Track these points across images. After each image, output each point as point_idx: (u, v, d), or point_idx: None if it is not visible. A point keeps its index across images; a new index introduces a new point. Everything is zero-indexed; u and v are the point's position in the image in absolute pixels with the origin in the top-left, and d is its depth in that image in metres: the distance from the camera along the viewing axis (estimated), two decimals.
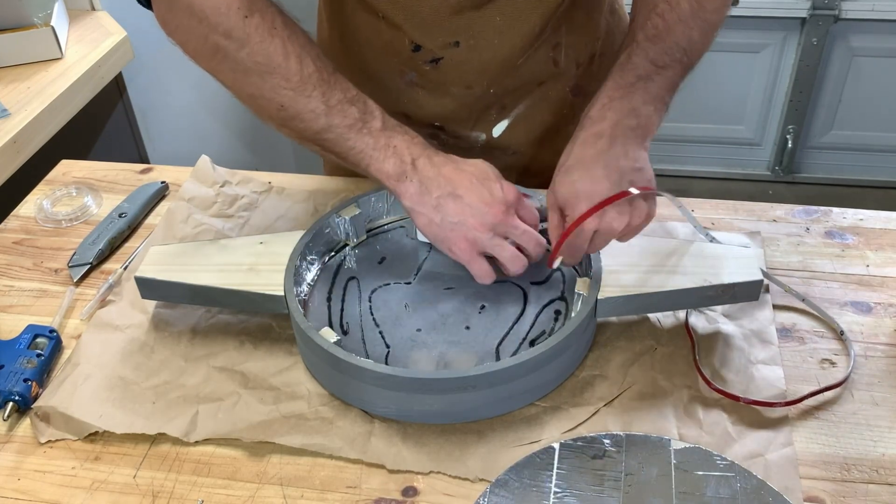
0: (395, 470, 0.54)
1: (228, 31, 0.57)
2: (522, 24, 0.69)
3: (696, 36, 0.62)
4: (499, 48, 0.71)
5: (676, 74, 0.62)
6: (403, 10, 0.68)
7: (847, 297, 0.66)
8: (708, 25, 0.63)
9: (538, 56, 0.73)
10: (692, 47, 0.63)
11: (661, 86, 0.61)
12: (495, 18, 0.69)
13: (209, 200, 0.78)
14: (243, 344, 0.63)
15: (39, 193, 0.82)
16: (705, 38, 0.63)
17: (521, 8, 0.68)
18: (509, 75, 0.73)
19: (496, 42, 0.70)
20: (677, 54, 0.62)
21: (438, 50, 0.71)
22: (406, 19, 0.69)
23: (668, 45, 0.62)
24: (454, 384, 0.54)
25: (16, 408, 0.58)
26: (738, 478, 0.51)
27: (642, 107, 0.60)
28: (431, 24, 0.69)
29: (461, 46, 0.70)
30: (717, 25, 0.63)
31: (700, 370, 0.58)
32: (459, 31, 0.69)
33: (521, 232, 0.60)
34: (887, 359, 0.60)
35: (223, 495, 0.53)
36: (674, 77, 0.62)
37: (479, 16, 0.68)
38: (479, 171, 0.60)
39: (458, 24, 0.69)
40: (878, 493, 0.51)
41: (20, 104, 0.92)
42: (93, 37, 1.08)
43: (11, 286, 0.71)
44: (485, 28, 0.69)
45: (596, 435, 0.54)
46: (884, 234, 0.72)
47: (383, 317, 0.63)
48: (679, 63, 0.62)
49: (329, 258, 0.69)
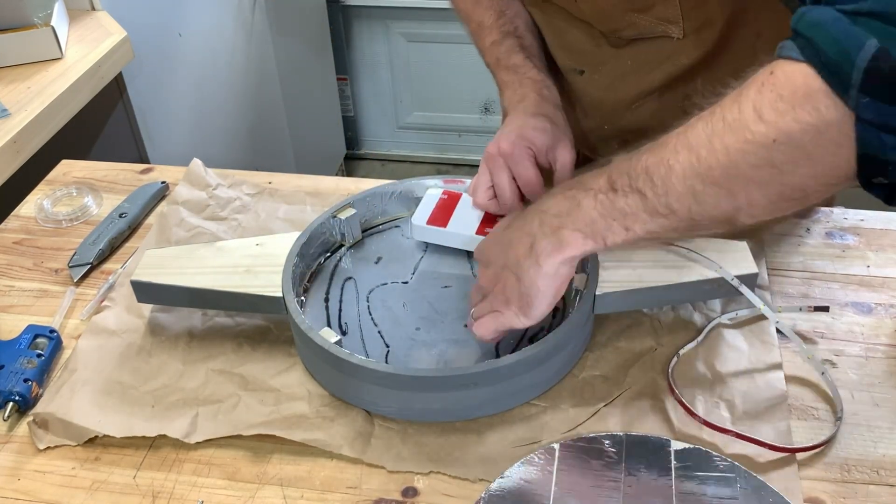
0: (396, 471, 0.53)
1: None
2: (645, 73, 0.68)
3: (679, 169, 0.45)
4: (616, 88, 0.71)
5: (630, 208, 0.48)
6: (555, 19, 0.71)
7: (848, 297, 0.66)
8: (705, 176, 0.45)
9: (663, 104, 0.70)
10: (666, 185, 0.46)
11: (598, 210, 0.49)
12: (626, 61, 0.69)
13: (202, 203, 0.78)
14: (241, 346, 0.63)
15: (40, 193, 0.82)
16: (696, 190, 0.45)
17: (649, 59, 0.67)
18: (624, 116, 0.72)
19: (616, 82, 0.70)
20: (639, 181, 0.47)
21: (567, 73, 0.74)
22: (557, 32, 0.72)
23: (637, 164, 0.48)
24: (455, 382, 0.54)
25: (16, 408, 0.58)
26: (738, 478, 0.51)
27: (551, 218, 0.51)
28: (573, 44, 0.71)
29: (584, 76, 0.72)
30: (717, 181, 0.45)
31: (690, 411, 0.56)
32: (588, 60, 0.71)
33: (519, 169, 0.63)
34: (888, 359, 0.60)
35: (223, 496, 0.53)
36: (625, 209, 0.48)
37: (613, 53, 0.69)
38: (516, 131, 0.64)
39: (591, 54, 0.70)
40: (879, 494, 0.51)
41: (20, 104, 0.92)
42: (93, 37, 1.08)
43: (12, 286, 0.71)
44: (612, 66, 0.70)
45: (596, 435, 0.54)
46: (884, 234, 0.72)
47: (382, 316, 0.63)
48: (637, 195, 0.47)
49: (325, 259, 0.69)
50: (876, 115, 0.39)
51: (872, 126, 0.39)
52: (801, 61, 0.41)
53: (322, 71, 2.03)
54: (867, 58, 0.38)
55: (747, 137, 0.43)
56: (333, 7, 2.02)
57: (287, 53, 1.77)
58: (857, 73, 0.38)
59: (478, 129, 2.22)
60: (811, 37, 0.40)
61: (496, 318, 0.56)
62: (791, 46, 0.42)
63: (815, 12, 0.41)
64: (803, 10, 0.42)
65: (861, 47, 0.38)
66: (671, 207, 0.47)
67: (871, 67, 0.38)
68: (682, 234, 0.52)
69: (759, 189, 0.44)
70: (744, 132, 0.43)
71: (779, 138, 0.42)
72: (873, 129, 0.39)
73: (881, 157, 0.40)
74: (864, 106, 0.39)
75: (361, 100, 2.23)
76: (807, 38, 0.41)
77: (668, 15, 0.63)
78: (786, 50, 0.42)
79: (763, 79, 0.43)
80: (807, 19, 0.41)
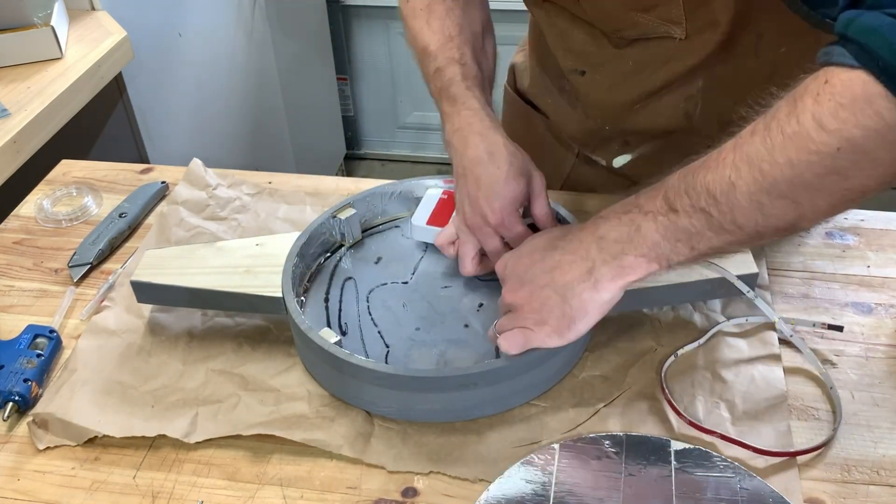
0: (396, 471, 0.53)
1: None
2: (647, 73, 0.68)
3: (743, 185, 0.45)
4: (617, 89, 0.70)
5: (694, 227, 0.48)
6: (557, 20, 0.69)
7: (848, 297, 0.66)
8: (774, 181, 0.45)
9: (664, 105, 0.69)
10: (730, 203, 0.46)
11: (661, 232, 0.49)
12: (628, 62, 0.68)
13: (202, 203, 0.78)
14: (241, 346, 0.63)
15: (40, 193, 0.82)
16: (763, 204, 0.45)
17: (650, 60, 0.67)
18: (626, 117, 0.72)
19: (617, 83, 0.70)
20: (701, 201, 0.47)
21: (567, 73, 0.73)
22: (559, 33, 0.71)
23: (695, 183, 0.47)
24: (455, 382, 0.54)
25: (16, 408, 0.58)
26: (738, 479, 0.51)
27: (613, 244, 0.51)
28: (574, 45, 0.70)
29: (586, 77, 0.71)
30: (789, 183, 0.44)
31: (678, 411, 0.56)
32: (589, 61, 0.70)
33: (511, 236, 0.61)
34: (888, 359, 0.60)
35: (223, 496, 0.53)
36: (689, 229, 0.48)
37: (615, 54, 0.68)
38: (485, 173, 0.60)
39: (592, 54, 0.69)
40: (879, 494, 0.51)
41: (20, 104, 0.92)
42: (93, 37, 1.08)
43: (11, 286, 0.71)
44: (613, 66, 0.69)
45: (596, 435, 0.54)
46: (884, 234, 0.72)
47: (381, 316, 0.63)
48: (701, 214, 0.47)
49: (325, 259, 0.69)
50: None
51: None
52: (857, 67, 0.41)
53: (322, 71, 2.03)
54: None
55: (811, 148, 0.43)
56: (333, 7, 2.02)
57: (287, 53, 1.77)
58: None
59: None
60: (865, 42, 0.41)
61: (526, 335, 0.54)
62: (843, 53, 0.42)
63: (867, 17, 0.41)
64: (851, 14, 0.42)
65: None
66: (737, 223, 0.47)
67: None
68: (745, 246, 0.51)
69: (823, 196, 0.45)
70: (807, 143, 0.43)
71: (843, 146, 0.42)
72: None
73: None
74: None
75: (361, 100, 2.23)
76: (860, 43, 0.41)
77: (671, 15, 0.63)
78: (837, 56, 0.42)
79: (818, 88, 0.43)
80: (858, 24, 0.41)
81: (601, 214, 0.53)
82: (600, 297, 0.52)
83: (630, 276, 0.51)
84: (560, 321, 0.53)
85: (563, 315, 0.53)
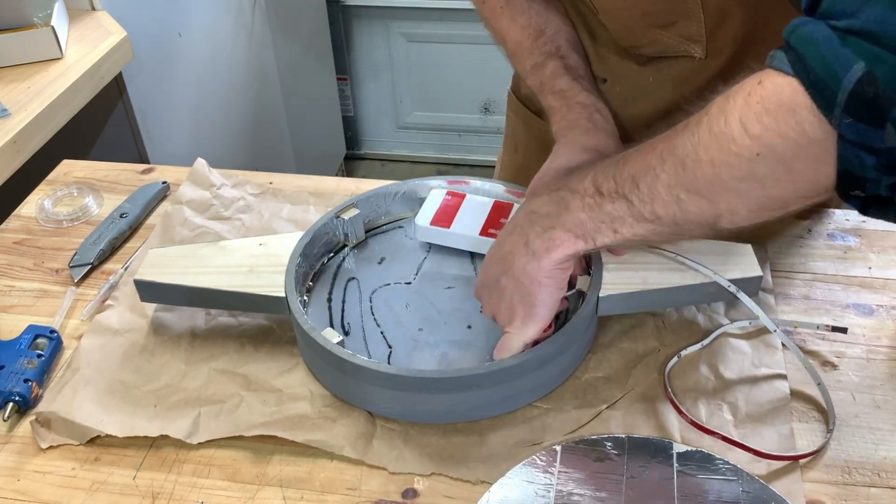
0: (397, 472, 0.53)
1: None
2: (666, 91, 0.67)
3: (664, 177, 0.46)
4: (634, 103, 0.69)
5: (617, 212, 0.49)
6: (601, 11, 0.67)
7: (849, 299, 0.66)
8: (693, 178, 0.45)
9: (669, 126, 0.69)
10: (651, 193, 0.47)
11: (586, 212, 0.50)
12: (648, 77, 0.67)
13: (206, 203, 0.78)
14: (244, 346, 0.63)
15: (40, 193, 0.82)
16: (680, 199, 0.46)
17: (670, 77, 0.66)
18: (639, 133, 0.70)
19: (635, 96, 0.69)
20: (625, 187, 0.48)
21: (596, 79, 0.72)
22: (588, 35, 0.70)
23: (623, 169, 0.49)
24: (458, 383, 0.54)
25: (16, 408, 0.58)
26: (740, 481, 0.51)
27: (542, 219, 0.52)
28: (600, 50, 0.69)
29: (606, 85, 0.70)
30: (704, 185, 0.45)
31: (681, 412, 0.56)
32: (611, 69, 0.69)
33: None
34: (889, 361, 0.60)
35: (223, 496, 0.53)
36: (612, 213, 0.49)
37: (637, 68, 0.67)
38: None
39: (615, 63, 0.68)
40: (880, 496, 0.51)
41: (20, 104, 0.92)
42: (93, 37, 1.08)
43: (12, 286, 0.71)
44: (633, 79, 0.68)
45: (598, 437, 0.54)
46: (886, 236, 0.72)
47: (384, 317, 0.63)
48: (623, 200, 0.48)
49: (328, 259, 0.69)
50: (857, 135, 0.39)
51: (853, 145, 0.40)
52: (791, 75, 0.41)
53: (322, 71, 2.03)
54: (853, 80, 0.38)
55: (732, 150, 0.43)
56: (333, 7, 2.02)
57: (287, 53, 1.76)
58: (843, 93, 0.38)
59: (478, 129, 2.22)
60: (803, 53, 0.40)
61: (509, 339, 0.55)
62: (782, 58, 0.42)
63: (809, 27, 0.41)
64: (797, 22, 0.42)
65: (849, 69, 0.38)
66: (656, 214, 0.48)
67: (857, 90, 0.38)
68: (668, 238, 0.52)
69: (741, 199, 0.45)
70: (729, 144, 0.43)
71: (762, 152, 0.42)
72: (854, 148, 0.40)
73: (859, 173, 0.41)
74: (847, 126, 0.39)
75: (361, 100, 2.23)
76: (798, 53, 0.41)
77: (691, 33, 0.62)
78: (776, 61, 0.42)
79: (751, 88, 0.43)
80: (799, 34, 0.41)
81: (534, 191, 0.54)
82: (542, 265, 0.53)
83: (559, 250, 0.52)
84: (523, 303, 0.54)
85: (523, 297, 0.53)
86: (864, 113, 0.38)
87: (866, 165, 0.40)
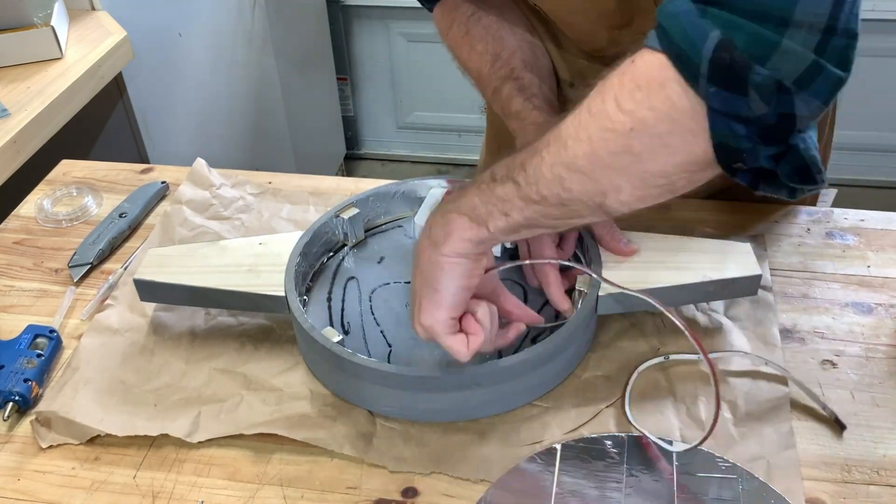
0: (397, 471, 0.53)
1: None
2: None
3: (548, 157, 0.47)
4: None
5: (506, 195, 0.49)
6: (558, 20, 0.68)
7: (848, 297, 0.66)
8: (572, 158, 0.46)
9: None
10: (536, 173, 0.48)
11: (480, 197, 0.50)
12: None
13: (205, 203, 0.78)
14: (244, 346, 0.63)
15: (40, 193, 0.82)
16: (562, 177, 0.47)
17: None
18: None
19: None
20: (514, 169, 0.49)
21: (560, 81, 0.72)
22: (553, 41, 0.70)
23: (516, 154, 0.50)
24: (457, 382, 0.54)
25: (16, 408, 0.58)
26: (740, 480, 0.51)
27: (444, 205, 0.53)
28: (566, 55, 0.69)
29: (574, 89, 0.70)
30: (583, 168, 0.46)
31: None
32: (579, 73, 0.69)
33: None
34: (888, 360, 0.60)
35: (223, 496, 0.53)
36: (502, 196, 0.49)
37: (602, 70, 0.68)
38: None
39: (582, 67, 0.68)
40: (879, 494, 0.51)
41: (20, 104, 0.92)
42: (93, 37, 1.08)
43: (12, 286, 0.71)
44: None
45: (598, 436, 0.54)
46: (885, 234, 0.72)
47: (384, 316, 0.63)
48: (511, 183, 0.49)
49: (328, 258, 0.69)
50: (724, 104, 0.40)
51: (723, 115, 0.40)
52: (658, 51, 0.42)
53: (322, 71, 2.03)
54: (712, 48, 0.39)
55: (607, 126, 0.44)
56: (333, 7, 2.02)
57: (287, 53, 1.76)
58: (704, 63, 0.39)
59: (478, 129, 2.21)
60: (667, 27, 0.42)
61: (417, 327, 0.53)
62: (653, 36, 0.43)
63: (674, 4, 0.42)
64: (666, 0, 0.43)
65: (706, 38, 0.39)
66: (542, 194, 0.48)
67: (716, 57, 0.39)
68: (559, 221, 0.51)
69: (620, 176, 0.46)
70: (605, 121, 0.44)
71: (635, 126, 0.43)
72: (725, 119, 0.40)
73: (734, 145, 0.41)
74: (714, 95, 0.40)
75: (361, 100, 2.23)
76: (664, 28, 0.42)
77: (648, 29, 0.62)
78: (648, 40, 0.43)
79: (625, 68, 0.44)
80: (665, 10, 0.42)
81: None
82: (442, 251, 0.51)
83: (455, 234, 0.51)
84: (426, 289, 0.52)
85: (425, 282, 0.52)
86: (726, 80, 0.39)
87: (739, 136, 0.41)
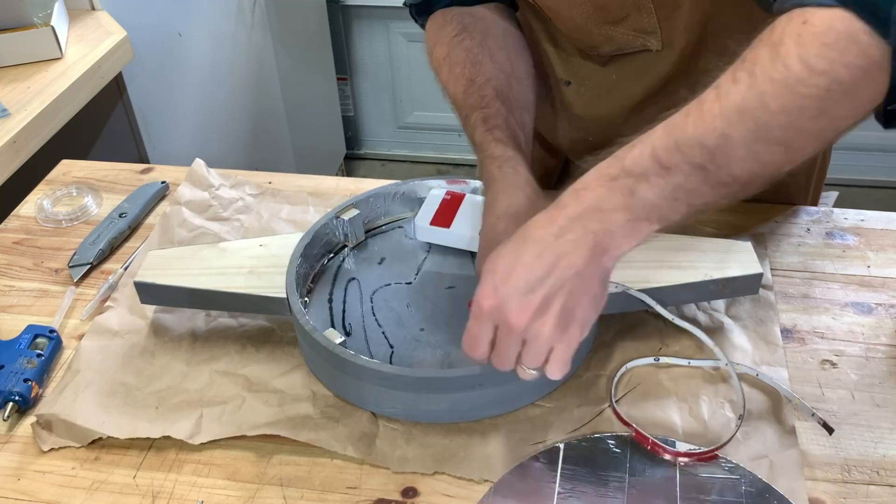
0: (400, 472, 0.53)
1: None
2: (630, 87, 0.67)
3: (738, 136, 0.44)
4: (600, 102, 0.69)
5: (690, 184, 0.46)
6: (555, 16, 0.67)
7: (848, 297, 0.66)
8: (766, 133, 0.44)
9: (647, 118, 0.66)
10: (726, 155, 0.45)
11: (657, 193, 0.46)
12: (611, 76, 0.67)
13: (204, 204, 0.77)
14: (245, 347, 0.63)
15: (40, 193, 0.82)
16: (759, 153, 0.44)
17: (632, 74, 0.66)
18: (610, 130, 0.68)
19: (601, 96, 0.69)
20: (696, 156, 0.45)
21: (555, 82, 0.72)
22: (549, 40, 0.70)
23: (685, 138, 0.45)
24: (460, 383, 0.54)
25: (16, 408, 0.58)
26: (742, 480, 0.51)
27: (612, 213, 0.47)
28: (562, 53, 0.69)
29: (571, 87, 0.70)
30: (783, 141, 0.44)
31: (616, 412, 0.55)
32: (574, 72, 0.69)
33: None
34: (888, 360, 0.60)
35: (223, 496, 0.53)
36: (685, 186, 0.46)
37: (599, 68, 0.67)
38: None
39: (578, 65, 0.68)
40: (879, 494, 0.51)
41: (20, 104, 0.92)
42: (93, 37, 1.08)
43: (12, 286, 0.71)
44: (597, 80, 0.68)
45: (601, 435, 0.54)
46: (885, 234, 0.72)
47: (385, 317, 0.63)
48: (697, 170, 0.45)
49: (329, 259, 0.69)
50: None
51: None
52: (834, 6, 0.41)
53: (322, 71, 2.03)
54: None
55: (802, 92, 0.43)
56: (333, 7, 2.02)
57: (287, 53, 1.76)
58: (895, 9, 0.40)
59: None
60: None
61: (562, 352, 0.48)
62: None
63: None
64: None
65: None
66: (734, 175, 0.46)
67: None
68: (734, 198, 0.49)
69: (811, 139, 0.45)
70: (797, 87, 0.43)
71: (832, 87, 0.42)
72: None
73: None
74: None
75: (361, 100, 2.23)
76: None
77: (643, 25, 0.62)
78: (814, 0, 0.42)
79: (798, 30, 0.42)
80: None
81: (581, 186, 0.49)
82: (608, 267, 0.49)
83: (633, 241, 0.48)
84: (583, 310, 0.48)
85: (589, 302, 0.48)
86: None
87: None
